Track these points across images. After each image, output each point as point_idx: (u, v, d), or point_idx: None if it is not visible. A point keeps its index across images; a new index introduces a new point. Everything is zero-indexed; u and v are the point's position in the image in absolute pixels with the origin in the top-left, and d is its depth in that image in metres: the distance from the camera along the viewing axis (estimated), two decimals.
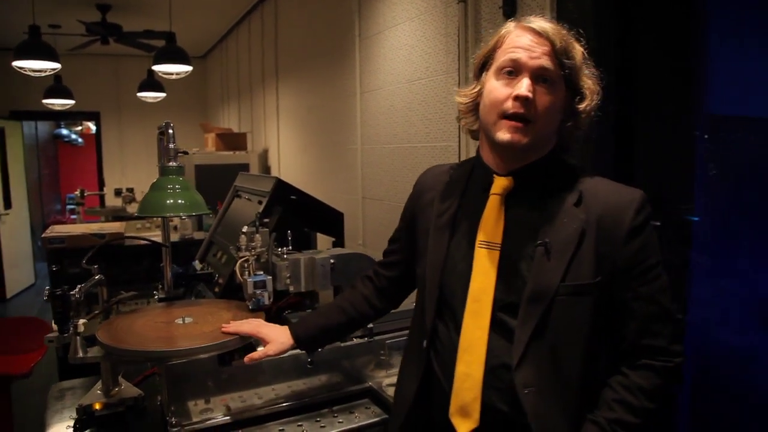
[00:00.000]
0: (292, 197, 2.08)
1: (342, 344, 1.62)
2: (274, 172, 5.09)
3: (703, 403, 1.92)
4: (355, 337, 1.64)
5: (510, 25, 1.08)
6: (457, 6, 2.31)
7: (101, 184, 7.44)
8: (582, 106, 1.07)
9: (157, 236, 3.82)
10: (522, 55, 1.02)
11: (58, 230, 3.05)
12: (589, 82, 1.08)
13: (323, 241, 2.42)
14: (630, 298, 1.03)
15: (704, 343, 1.95)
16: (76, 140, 11.96)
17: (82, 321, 1.36)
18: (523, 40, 1.04)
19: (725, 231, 1.97)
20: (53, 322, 1.29)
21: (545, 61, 1.02)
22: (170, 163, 1.50)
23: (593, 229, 1.02)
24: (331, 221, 2.32)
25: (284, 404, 1.49)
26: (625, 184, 1.11)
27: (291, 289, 1.58)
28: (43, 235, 2.94)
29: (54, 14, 5.39)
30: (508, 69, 1.04)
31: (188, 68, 4.35)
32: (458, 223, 1.14)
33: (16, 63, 3.91)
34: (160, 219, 3.90)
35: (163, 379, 1.42)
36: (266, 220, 1.77)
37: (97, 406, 1.49)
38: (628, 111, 1.86)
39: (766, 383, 1.79)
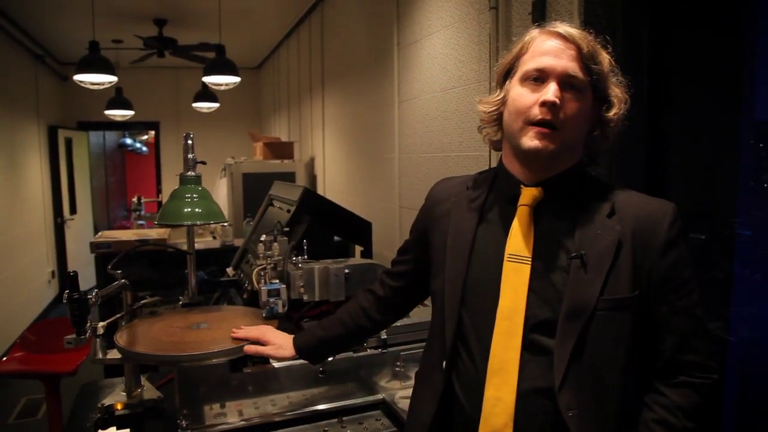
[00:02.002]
0: (318, 206, 2.11)
1: (355, 354, 1.62)
2: (319, 181, 5.16)
3: (750, 427, 1.81)
4: (370, 348, 1.64)
5: (534, 32, 1.05)
6: (489, 13, 2.28)
7: (159, 191, 7.76)
8: (610, 115, 1.03)
9: (207, 242, 3.96)
10: (549, 61, 0.99)
11: (107, 235, 3.19)
12: (617, 90, 1.04)
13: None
14: (667, 312, 0.98)
15: (750, 364, 1.83)
16: (140, 149, 12.56)
17: (101, 324, 1.41)
18: (548, 45, 1.01)
19: None
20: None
21: (572, 67, 0.98)
22: (189, 173, 1.54)
23: (629, 240, 0.98)
24: (359, 230, 2.33)
25: (293, 413, 1.50)
26: (656, 195, 1.06)
27: (305, 298, 1.59)
28: (91, 241, 3.09)
29: (116, 30, 5.69)
30: (535, 75, 1.00)
31: (236, 79, 4.48)
32: (480, 237, 1.08)
33: (77, 77, 4.14)
34: (211, 225, 4.04)
35: (176, 382, 1.45)
36: (287, 229, 1.79)
37: (118, 407, 1.55)
38: (663, 120, 1.78)
39: None
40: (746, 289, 1.77)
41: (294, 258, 1.64)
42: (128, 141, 12.10)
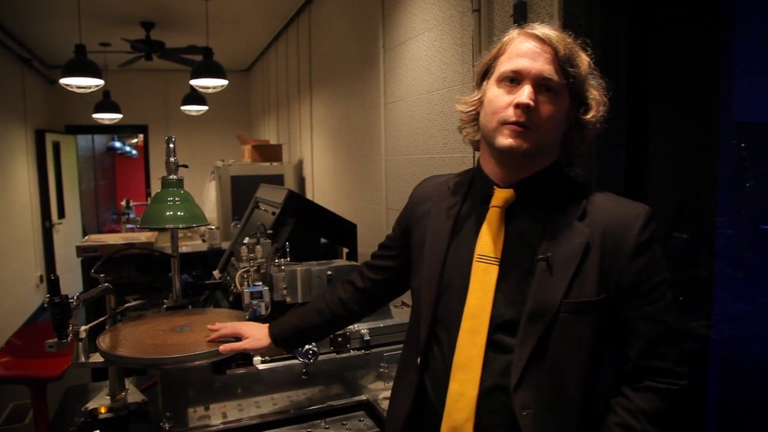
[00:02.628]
0: (303, 208, 2.12)
1: (339, 355, 1.63)
2: (308, 183, 5.16)
3: (732, 424, 1.83)
4: (353, 349, 1.65)
5: (513, 33, 1.05)
6: (471, 15, 2.30)
7: (148, 194, 7.73)
8: (587, 117, 1.04)
9: (195, 245, 3.95)
10: (524, 63, 0.99)
11: (93, 239, 3.18)
12: (595, 92, 1.04)
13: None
14: (635, 317, 0.99)
15: (732, 362, 1.85)
16: (130, 152, 12.51)
17: (83, 327, 1.42)
18: (525, 46, 1.01)
19: (753, 243, 1.88)
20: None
21: (548, 69, 0.99)
22: (171, 176, 1.54)
23: (597, 244, 0.98)
24: (344, 232, 2.34)
25: (276, 414, 1.50)
26: (637, 196, 1.06)
27: (288, 299, 1.60)
28: (77, 245, 3.08)
29: (103, 33, 5.67)
30: (510, 76, 1.01)
31: (224, 82, 4.48)
32: (455, 236, 1.11)
33: (63, 80, 4.12)
34: (200, 228, 4.04)
35: (159, 385, 1.46)
36: (270, 231, 1.80)
37: (102, 410, 1.55)
38: (642, 120, 1.81)
39: None
40: (728, 287, 1.80)
41: (277, 260, 1.65)
42: (117, 144, 12.04)
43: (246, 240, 1.64)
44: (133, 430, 1.53)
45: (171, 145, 1.54)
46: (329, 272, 1.62)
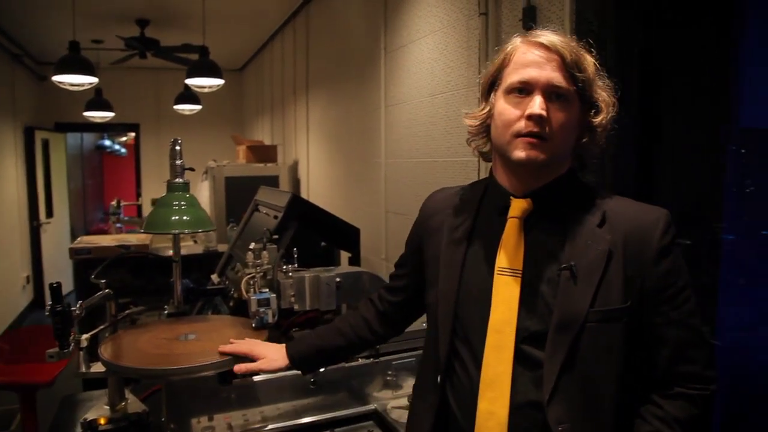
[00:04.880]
0: (306, 213, 2.08)
1: (347, 364, 1.59)
2: (303, 185, 5.11)
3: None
4: (361, 358, 1.61)
5: (516, 41, 1.03)
6: (478, 18, 2.27)
7: (138, 194, 7.63)
8: (598, 120, 1.01)
9: (189, 246, 3.90)
10: (532, 73, 0.97)
11: (86, 241, 3.11)
12: (603, 94, 1.02)
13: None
14: (661, 323, 0.97)
15: (737, 369, 1.84)
16: (119, 151, 12.36)
17: (84, 336, 1.36)
18: (531, 56, 0.99)
19: (758, 249, 1.86)
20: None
21: (556, 77, 0.97)
22: (176, 180, 1.50)
23: (620, 250, 0.96)
24: (347, 236, 2.30)
25: (283, 424, 1.46)
26: (646, 200, 1.05)
27: (296, 307, 1.56)
28: (70, 246, 3.01)
29: (96, 30, 5.58)
30: (519, 87, 0.99)
31: (220, 82, 4.42)
32: (472, 250, 1.07)
33: (56, 77, 4.04)
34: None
35: (163, 395, 1.41)
36: (276, 236, 1.76)
37: (102, 421, 1.49)
38: (651, 126, 1.79)
39: None
40: (732, 293, 1.79)
41: (284, 266, 1.61)
42: (107, 143, 11.90)
43: (252, 245, 1.60)
44: None
45: (177, 148, 1.49)
46: (338, 279, 1.58)
